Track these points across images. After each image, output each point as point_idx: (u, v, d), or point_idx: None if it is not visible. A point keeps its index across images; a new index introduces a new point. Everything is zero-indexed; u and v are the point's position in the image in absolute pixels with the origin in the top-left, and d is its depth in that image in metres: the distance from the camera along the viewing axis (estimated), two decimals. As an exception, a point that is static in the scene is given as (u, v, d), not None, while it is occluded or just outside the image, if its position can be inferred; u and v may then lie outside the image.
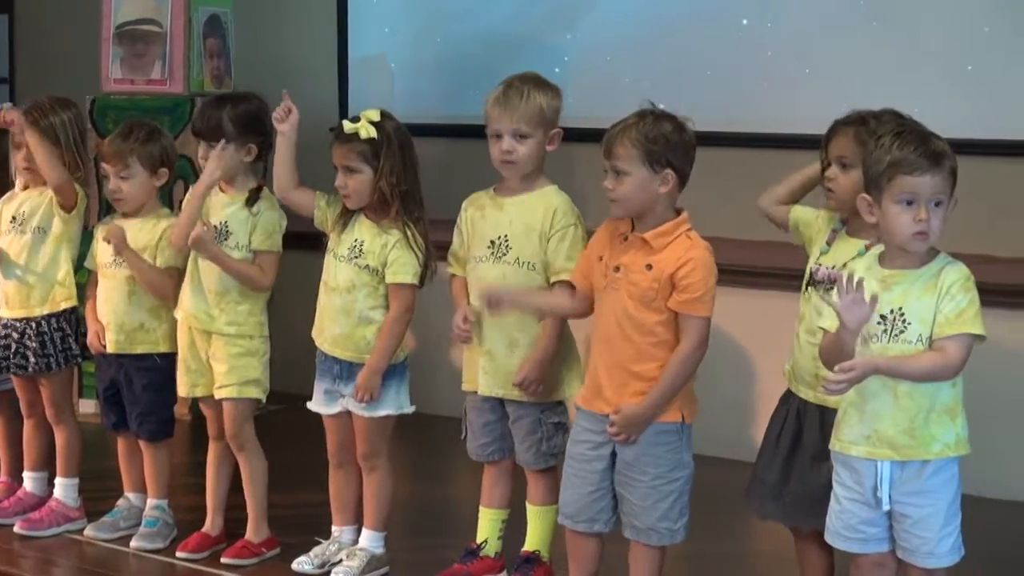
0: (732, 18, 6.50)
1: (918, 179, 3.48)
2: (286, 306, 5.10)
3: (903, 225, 3.49)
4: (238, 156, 4.78)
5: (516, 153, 4.37)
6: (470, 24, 7.17)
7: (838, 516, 3.66)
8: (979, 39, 5.96)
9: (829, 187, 3.94)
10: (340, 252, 4.59)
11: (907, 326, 3.51)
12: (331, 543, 4.78)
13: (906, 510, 3.57)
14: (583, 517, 4.07)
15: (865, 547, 3.64)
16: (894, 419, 3.53)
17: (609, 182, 3.93)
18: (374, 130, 4.50)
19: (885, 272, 3.56)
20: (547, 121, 4.37)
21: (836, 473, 3.66)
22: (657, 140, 3.90)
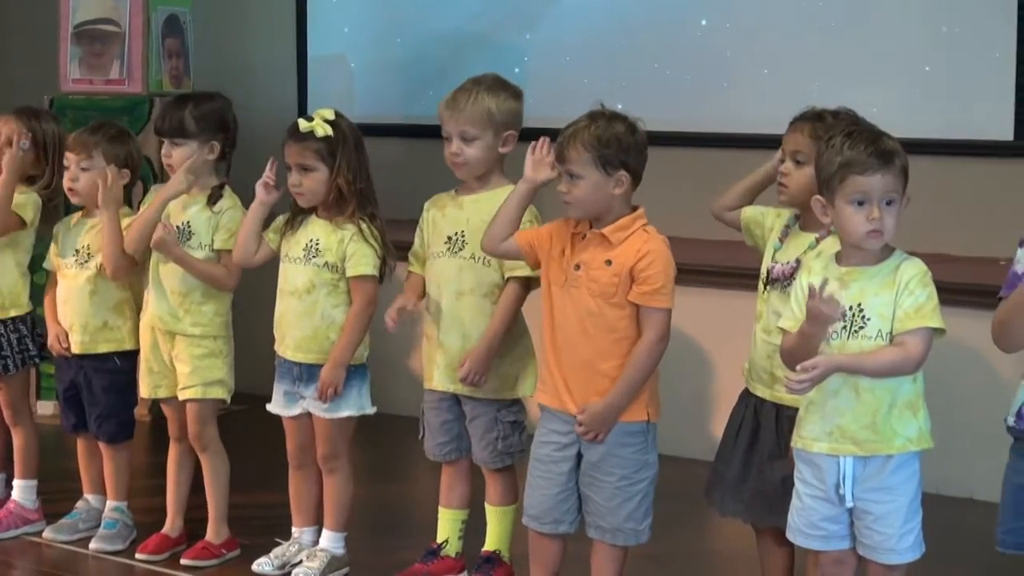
0: (691, 19, 6.52)
1: (869, 179, 3.49)
2: (249, 306, 5.08)
3: (857, 225, 3.51)
4: (201, 155, 4.77)
5: (463, 155, 4.38)
6: (430, 24, 7.17)
7: (800, 513, 3.67)
8: (937, 40, 5.99)
9: (782, 182, 3.95)
10: (295, 255, 4.58)
11: (866, 322, 3.53)
12: (291, 544, 4.78)
13: (868, 506, 3.58)
14: (549, 519, 4.07)
15: (827, 544, 3.66)
16: (855, 414, 3.54)
17: (563, 185, 3.94)
18: (330, 128, 4.50)
19: (842, 270, 3.57)
20: (498, 123, 4.38)
21: (798, 470, 3.67)
22: (610, 143, 3.91)
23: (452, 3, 7.14)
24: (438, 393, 4.52)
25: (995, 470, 3.70)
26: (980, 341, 3.71)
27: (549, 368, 4.04)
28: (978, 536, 3.63)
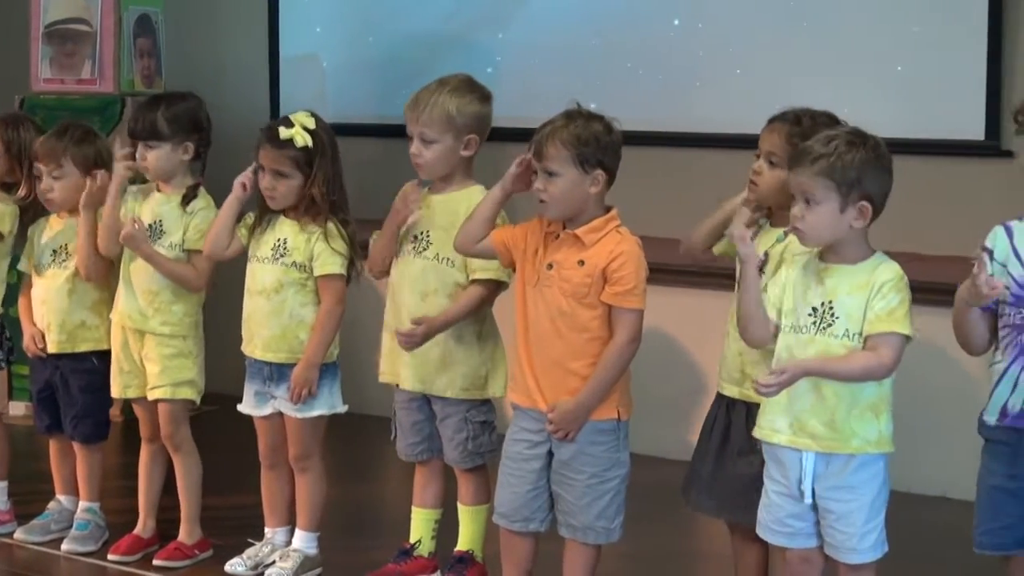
0: (663, 18, 6.52)
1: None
2: (218, 306, 5.07)
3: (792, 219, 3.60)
4: (176, 155, 4.76)
5: (421, 156, 4.38)
6: (402, 24, 7.16)
7: (767, 510, 3.69)
8: (908, 40, 6.01)
9: (753, 180, 3.95)
10: (263, 254, 4.58)
11: (835, 320, 3.54)
12: (264, 544, 4.77)
13: (830, 505, 3.60)
14: (519, 517, 4.08)
15: (793, 541, 3.67)
16: (815, 411, 3.56)
17: (540, 183, 3.94)
18: (310, 138, 4.49)
19: (822, 265, 3.61)
20: (458, 127, 4.37)
21: (766, 466, 3.69)
22: (588, 141, 3.91)
23: (425, 3, 7.13)
24: (408, 393, 4.52)
25: (968, 469, 3.71)
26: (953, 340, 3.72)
27: (521, 367, 4.04)
28: (951, 535, 3.65)
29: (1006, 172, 5.44)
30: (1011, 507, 3.50)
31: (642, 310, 3.94)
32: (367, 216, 4.75)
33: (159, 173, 4.77)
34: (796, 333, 3.58)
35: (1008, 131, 5.46)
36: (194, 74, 6.94)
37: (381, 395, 4.73)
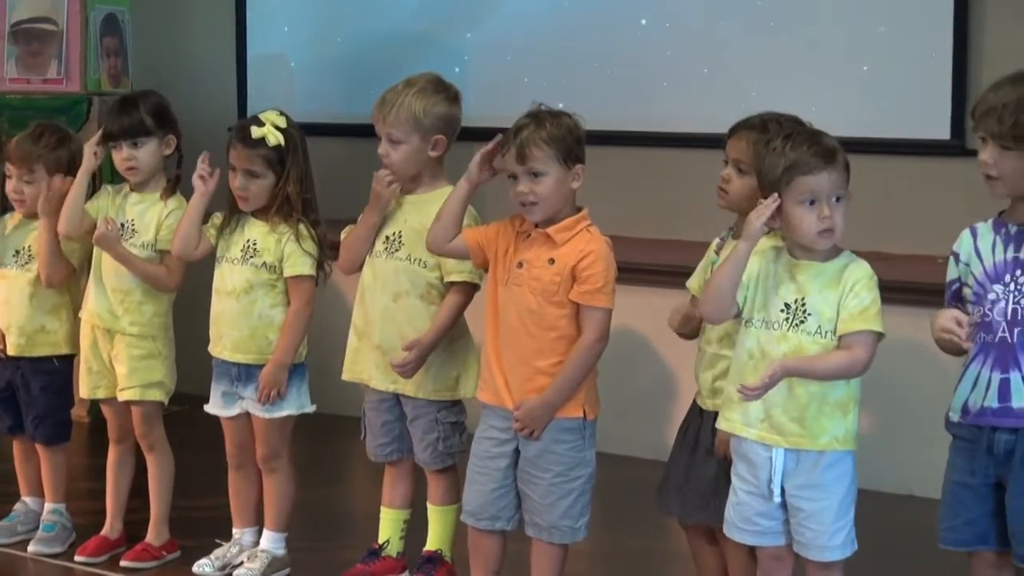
0: (631, 18, 6.53)
1: (816, 177, 3.52)
2: (189, 305, 5.05)
3: (809, 225, 3.53)
4: (160, 150, 4.77)
5: (389, 157, 4.38)
6: (370, 23, 7.16)
7: (735, 508, 3.69)
8: (875, 39, 6.03)
9: (723, 187, 3.95)
10: (232, 255, 4.57)
11: (807, 317, 3.55)
12: (232, 545, 4.76)
13: (799, 503, 3.60)
14: (485, 515, 4.08)
15: (761, 540, 3.68)
16: (786, 407, 3.57)
17: (524, 186, 3.92)
18: (282, 137, 4.48)
19: (792, 261, 3.61)
20: (425, 127, 4.36)
21: (734, 465, 3.70)
22: (566, 137, 3.93)
23: (392, 2, 7.13)
24: (378, 393, 4.51)
25: (934, 467, 3.73)
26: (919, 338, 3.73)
27: (489, 365, 4.05)
28: (917, 532, 3.66)
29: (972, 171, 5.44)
30: (971, 503, 3.52)
31: (610, 309, 3.95)
32: (334, 216, 4.75)
33: (148, 169, 4.76)
34: (768, 329, 3.58)
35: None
36: (161, 73, 6.92)
37: (350, 395, 4.73)
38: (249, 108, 7.24)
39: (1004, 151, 3.40)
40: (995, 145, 3.41)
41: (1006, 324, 3.43)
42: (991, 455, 3.46)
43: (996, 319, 3.44)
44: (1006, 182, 3.43)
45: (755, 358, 3.60)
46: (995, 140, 3.40)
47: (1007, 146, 3.38)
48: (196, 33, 7.60)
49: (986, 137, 3.44)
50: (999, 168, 3.41)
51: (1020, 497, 3.42)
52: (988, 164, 3.43)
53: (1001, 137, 3.38)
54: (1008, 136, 3.37)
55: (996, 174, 3.42)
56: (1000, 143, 3.39)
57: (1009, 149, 3.38)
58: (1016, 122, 3.36)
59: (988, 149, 3.43)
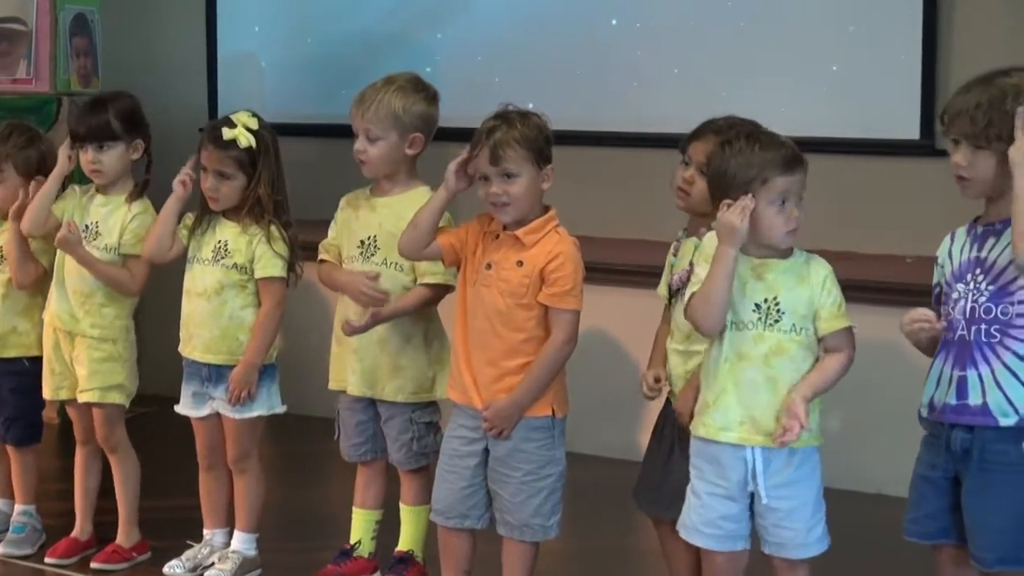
0: (601, 18, 6.54)
1: (790, 178, 3.56)
2: (156, 306, 5.05)
3: (779, 224, 3.56)
4: (127, 155, 4.75)
5: (366, 154, 4.38)
6: (341, 23, 7.16)
7: (697, 511, 3.67)
8: (844, 39, 6.05)
9: (684, 188, 3.96)
10: (204, 256, 4.57)
11: (781, 316, 3.57)
12: (203, 546, 4.75)
13: (776, 503, 3.61)
14: (454, 513, 4.08)
15: (722, 544, 3.66)
16: (771, 406, 3.57)
17: (497, 187, 3.92)
18: (253, 139, 4.48)
19: (756, 261, 3.61)
20: (404, 125, 4.37)
21: (696, 468, 3.68)
22: (537, 138, 3.94)
23: (364, 2, 7.13)
24: (353, 395, 4.51)
25: (903, 466, 3.74)
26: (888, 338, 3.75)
27: (458, 364, 4.05)
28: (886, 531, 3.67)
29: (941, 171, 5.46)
30: (932, 496, 3.55)
31: (579, 311, 3.96)
32: (305, 217, 4.74)
33: (113, 173, 4.74)
34: (740, 330, 3.59)
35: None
36: (131, 73, 6.90)
37: (322, 396, 4.72)
38: (220, 108, 7.23)
39: (977, 151, 3.42)
40: (969, 146, 3.43)
41: (965, 322, 3.46)
42: (949, 452, 3.49)
43: (956, 317, 3.48)
44: (980, 182, 3.45)
45: (730, 360, 3.60)
46: (969, 141, 3.42)
47: (981, 146, 3.41)
48: (167, 33, 7.58)
49: (959, 139, 3.46)
50: (974, 169, 3.43)
51: (973, 496, 3.45)
52: (962, 166, 3.44)
53: (975, 137, 3.40)
54: (982, 136, 3.40)
55: (970, 175, 3.44)
56: (974, 143, 3.41)
57: (983, 149, 3.41)
58: (990, 121, 3.39)
59: (961, 151, 3.45)
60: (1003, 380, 3.42)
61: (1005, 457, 3.43)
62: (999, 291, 3.43)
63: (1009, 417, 3.41)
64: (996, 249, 3.45)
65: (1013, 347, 3.42)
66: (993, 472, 3.44)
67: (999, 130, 3.38)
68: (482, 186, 3.96)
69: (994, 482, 3.43)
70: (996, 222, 3.48)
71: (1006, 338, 3.42)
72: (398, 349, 4.42)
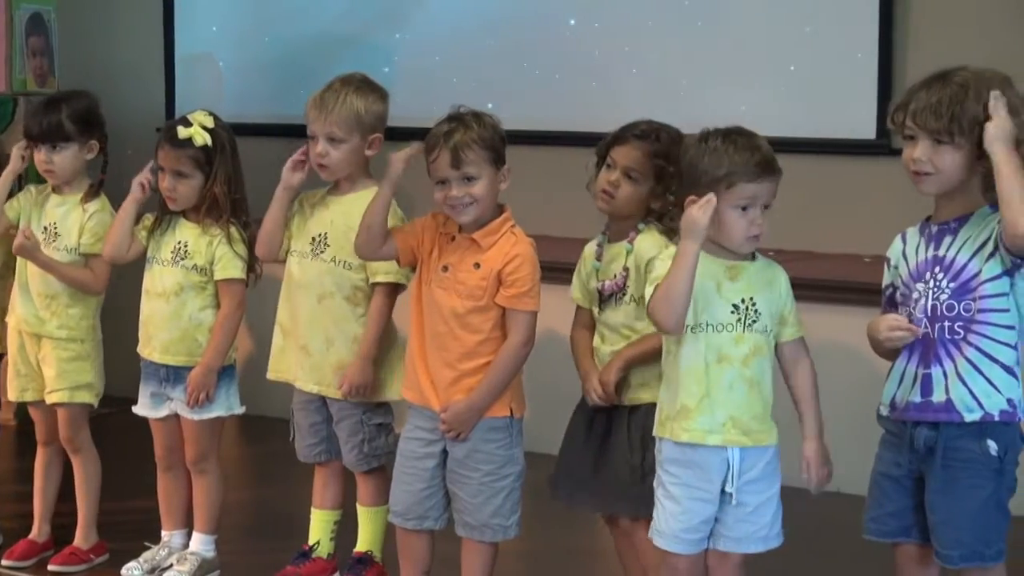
0: (560, 18, 6.55)
1: (758, 185, 3.57)
2: (116, 307, 5.02)
3: (740, 229, 3.58)
4: (82, 156, 4.74)
5: (329, 157, 4.37)
6: (299, 23, 7.14)
7: (677, 518, 3.64)
8: (801, 40, 6.07)
9: (609, 192, 3.96)
10: (163, 257, 4.55)
11: (759, 316, 3.60)
12: (161, 548, 4.74)
13: (746, 499, 3.62)
14: (413, 515, 4.08)
15: (698, 547, 3.67)
16: (749, 406, 3.60)
17: (459, 190, 3.91)
18: (209, 137, 4.47)
19: (727, 263, 3.63)
20: (365, 126, 4.37)
21: (671, 475, 3.65)
22: (494, 139, 3.95)
23: (321, 2, 7.11)
24: (306, 395, 4.51)
25: (861, 464, 3.76)
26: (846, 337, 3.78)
27: (415, 366, 4.05)
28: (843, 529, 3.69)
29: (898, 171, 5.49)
30: (895, 494, 3.57)
31: (536, 312, 3.97)
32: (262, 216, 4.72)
33: (66, 174, 4.73)
34: (717, 332, 3.59)
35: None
36: (88, 73, 6.87)
37: (281, 397, 4.72)
38: (177, 108, 7.20)
39: (938, 145, 3.44)
40: (930, 140, 3.44)
41: (927, 321, 3.48)
42: (913, 450, 3.51)
43: (918, 316, 3.50)
44: (940, 177, 3.46)
45: (710, 363, 3.60)
46: (931, 135, 3.44)
47: (942, 141, 3.43)
48: (124, 33, 7.55)
49: (916, 134, 3.47)
50: (935, 163, 3.44)
51: (938, 494, 3.47)
52: (922, 160, 3.46)
53: (938, 132, 3.42)
54: (945, 131, 3.42)
55: (932, 170, 3.46)
56: (935, 138, 3.43)
57: (944, 144, 3.43)
58: (953, 116, 3.41)
59: (921, 145, 3.46)
60: (967, 376, 3.45)
61: (968, 454, 3.45)
62: (960, 288, 3.46)
63: (973, 412, 3.44)
64: (954, 247, 3.48)
65: (976, 343, 3.45)
66: (957, 469, 3.46)
67: (961, 125, 3.41)
68: (439, 190, 3.95)
69: (958, 479, 3.46)
70: (950, 220, 3.51)
71: (969, 334, 3.45)
72: (349, 349, 4.41)
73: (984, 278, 3.44)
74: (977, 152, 3.41)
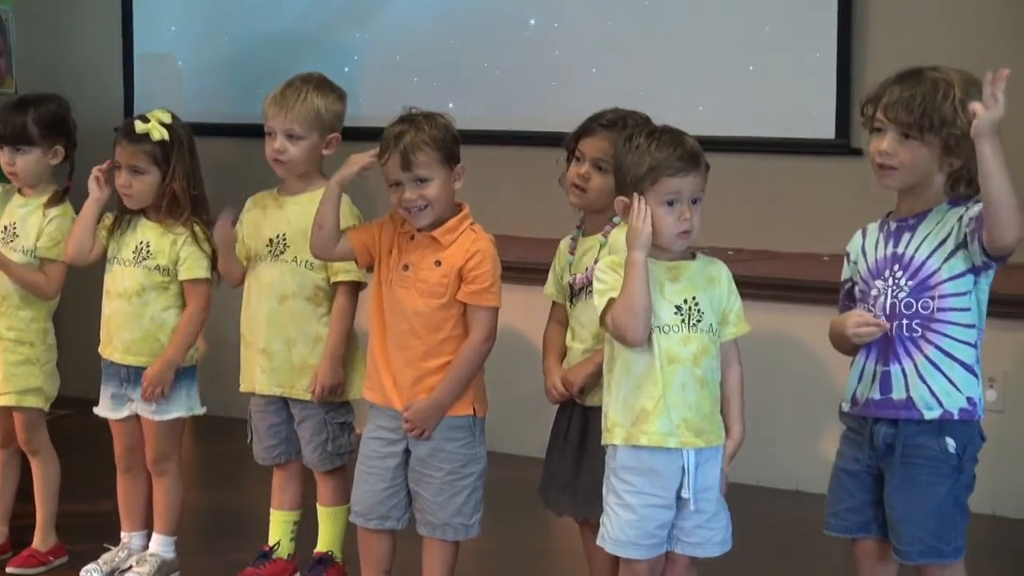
0: (520, 18, 6.56)
1: (681, 180, 3.56)
2: (75, 308, 5.01)
3: (668, 225, 3.57)
4: (45, 160, 4.72)
5: (287, 153, 4.36)
6: (259, 23, 7.13)
7: (633, 526, 3.62)
8: (760, 39, 6.09)
9: (580, 185, 3.96)
10: (124, 256, 4.54)
11: (702, 315, 3.60)
12: (120, 549, 4.72)
13: (703, 506, 3.62)
14: (375, 515, 4.07)
15: (655, 551, 3.66)
16: (700, 406, 3.59)
17: (412, 192, 3.90)
18: (166, 132, 4.46)
19: (668, 264, 3.63)
20: (324, 124, 4.37)
21: (625, 482, 3.63)
22: (446, 138, 3.93)
23: (281, 2, 7.10)
24: (264, 397, 4.50)
25: (821, 462, 3.78)
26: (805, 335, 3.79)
27: (376, 366, 4.04)
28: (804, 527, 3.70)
29: (857, 170, 5.53)
30: (855, 490, 3.58)
31: (498, 308, 3.97)
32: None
33: (28, 178, 4.71)
34: (665, 333, 3.59)
35: (858, 130, 5.55)
36: (46, 73, 6.85)
37: (243, 398, 4.71)
38: (136, 108, 7.17)
39: (905, 139, 3.45)
40: (898, 134, 3.45)
41: (886, 318, 3.50)
42: (872, 447, 3.52)
43: (877, 314, 3.51)
44: (904, 172, 3.48)
45: (663, 365, 3.60)
46: (900, 128, 3.45)
47: (910, 135, 3.44)
48: (82, 31, 7.52)
49: (885, 128, 3.48)
50: (899, 157, 3.45)
51: (897, 491, 3.48)
52: (888, 153, 3.47)
53: (909, 126, 3.43)
54: (915, 126, 3.43)
55: (897, 164, 3.47)
56: (905, 131, 3.44)
57: (911, 138, 3.44)
58: (924, 111, 3.42)
59: (889, 138, 3.47)
60: (926, 374, 3.46)
61: (927, 452, 3.46)
62: (919, 286, 3.47)
63: (933, 410, 3.45)
64: (912, 244, 3.49)
65: (936, 341, 3.46)
66: (916, 466, 3.47)
67: (932, 121, 3.42)
68: (393, 192, 3.94)
69: (917, 476, 3.47)
70: (909, 217, 3.52)
71: (928, 332, 3.46)
72: (309, 349, 4.41)
73: (945, 276, 3.45)
74: (943, 150, 3.43)
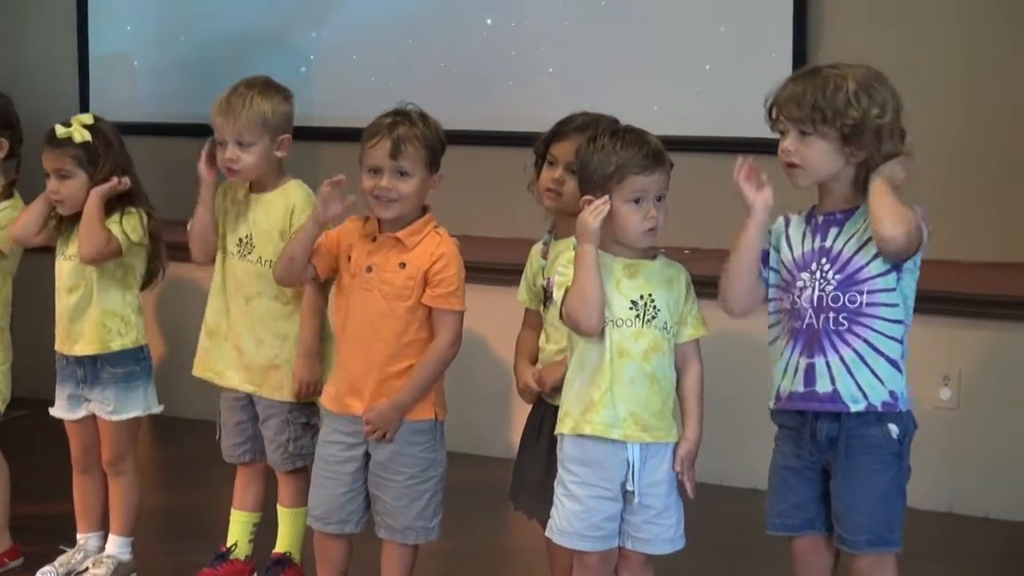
0: (477, 17, 6.57)
1: (647, 178, 3.59)
2: (27, 308, 4.98)
3: (635, 224, 3.59)
4: None
5: (240, 161, 4.34)
6: (214, 22, 7.11)
7: (579, 517, 3.65)
8: (716, 40, 6.12)
9: (555, 189, 3.97)
10: (69, 252, 4.55)
11: (658, 312, 3.62)
12: (77, 551, 4.70)
13: (650, 501, 3.64)
14: (334, 519, 4.06)
15: (604, 544, 3.67)
16: (649, 402, 3.61)
17: (389, 181, 3.90)
18: (88, 134, 4.45)
19: (626, 261, 3.65)
20: (273, 127, 4.35)
21: (571, 473, 3.66)
22: (436, 143, 3.96)
23: (237, 2, 7.09)
24: (234, 393, 4.49)
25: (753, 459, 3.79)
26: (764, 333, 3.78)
27: (338, 369, 4.05)
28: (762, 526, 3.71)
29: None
30: (798, 486, 3.59)
31: (463, 312, 3.97)
32: (181, 217, 4.69)
33: None
34: (619, 327, 3.61)
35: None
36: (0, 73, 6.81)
37: (200, 398, 4.71)
38: (92, 108, 7.12)
39: (803, 136, 3.49)
40: (796, 132, 3.50)
41: (812, 311, 3.51)
42: (815, 442, 3.54)
43: (803, 306, 3.52)
44: (808, 169, 3.52)
45: (613, 357, 3.61)
46: (796, 125, 3.49)
47: (806, 131, 3.48)
48: (36, 31, 7.49)
49: (786, 129, 3.52)
50: (801, 155, 3.50)
51: (845, 481, 3.50)
52: (789, 151, 3.52)
53: (801, 122, 3.48)
54: (807, 120, 3.47)
55: (799, 161, 3.51)
56: (800, 128, 3.49)
57: (808, 134, 3.48)
58: (814, 105, 3.46)
59: (790, 137, 3.52)
60: (853, 367, 3.48)
61: (871, 440, 3.48)
62: (846, 280, 3.49)
63: (859, 403, 3.47)
64: (840, 239, 3.52)
65: (862, 334, 3.48)
66: (860, 456, 3.49)
67: (824, 114, 3.45)
68: (368, 178, 3.93)
69: (861, 465, 3.49)
70: (836, 212, 3.55)
71: (855, 326, 3.48)
72: (280, 347, 4.40)
73: (873, 273, 3.47)
74: (842, 142, 3.46)
